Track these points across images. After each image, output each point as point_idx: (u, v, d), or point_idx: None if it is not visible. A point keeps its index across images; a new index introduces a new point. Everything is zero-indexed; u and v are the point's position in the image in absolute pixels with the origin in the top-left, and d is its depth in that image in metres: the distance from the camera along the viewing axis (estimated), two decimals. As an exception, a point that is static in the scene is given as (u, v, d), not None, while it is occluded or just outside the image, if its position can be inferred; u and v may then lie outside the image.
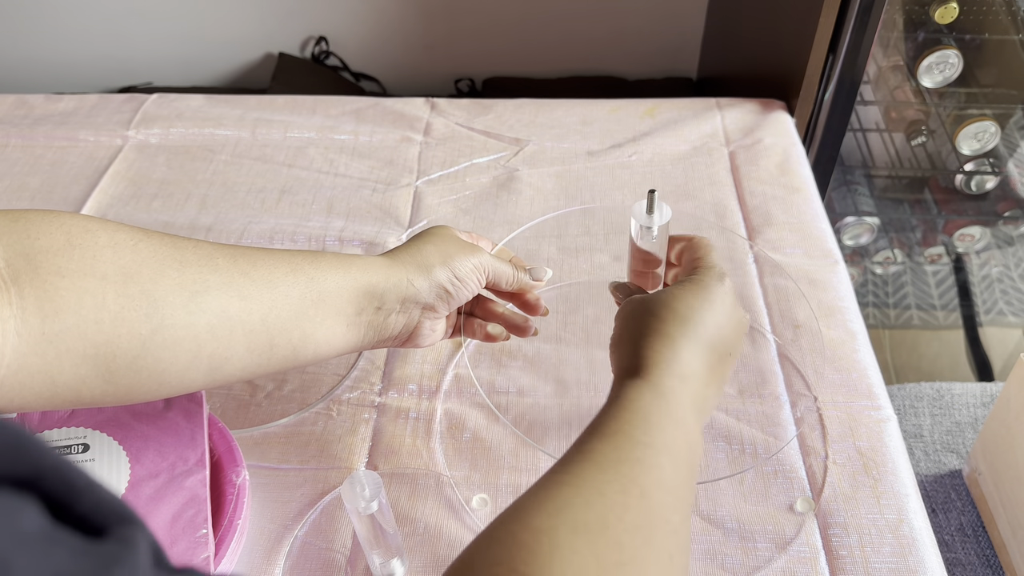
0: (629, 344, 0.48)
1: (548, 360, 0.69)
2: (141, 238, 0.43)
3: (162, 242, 0.44)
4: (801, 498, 0.60)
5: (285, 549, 0.57)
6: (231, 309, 0.44)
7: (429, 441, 0.63)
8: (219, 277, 0.44)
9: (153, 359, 0.42)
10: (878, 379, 0.67)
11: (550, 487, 0.37)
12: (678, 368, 0.45)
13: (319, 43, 1.55)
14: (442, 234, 0.56)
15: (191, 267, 0.44)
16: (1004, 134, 1.16)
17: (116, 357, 0.41)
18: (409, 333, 0.55)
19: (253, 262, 0.47)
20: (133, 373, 0.42)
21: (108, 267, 0.41)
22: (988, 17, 1.08)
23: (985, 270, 1.37)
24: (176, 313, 0.42)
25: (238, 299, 0.45)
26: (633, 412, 0.42)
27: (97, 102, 0.97)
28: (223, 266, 0.45)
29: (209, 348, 0.44)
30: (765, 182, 0.85)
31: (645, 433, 0.40)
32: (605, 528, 0.35)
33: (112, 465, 0.55)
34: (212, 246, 0.46)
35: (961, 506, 0.98)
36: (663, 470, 0.39)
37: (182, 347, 0.43)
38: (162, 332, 0.42)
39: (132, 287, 0.41)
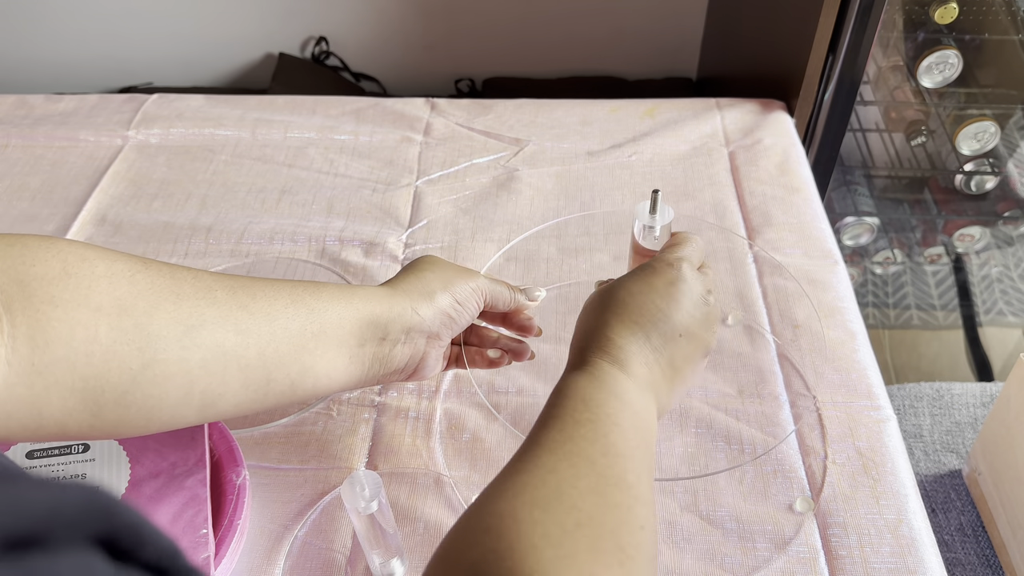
0: (577, 335, 0.50)
1: (548, 360, 0.69)
2: (139, 269, 0.42)
3: (160, 273, 0.43)
4: (800, 498, 0.60)
5: (285, 549, 0.57)
6: (227, 344, 0.43)
7: (429, 441, 0.63)
8: (216, 311, 0.43)
9: (142, 395, 0.41)
10: (878, 379, 0.68)
11: (507, 476, 0.39)
12: (614, 353, 0.46)
13: (319, 43, 1.55)
14: (436, 261, 0.56)
15: (188, 300, 0.43)
16: (1004, 134, 1.16)
17: (105, 391, 0.40)
18: (415, 365, 0.54)
19: (252, 294, 0.46)
20: (122, 408, 0.41)
21: (103, 298, 0.40)
22: (988, 17, 1.08)
23: (985, 270, 1.37)
24: (169, 348, 0.41)
25: (235, 333, 0.44)
26: (572, 396, 0.44)
27: (97, 102, 0.97)
28: (221, 299, 0.44)
29: (202, 384, 0.43)
30: (765, 182, 0.85)
31: (585, 411, 0.42)
32: (560, 497, 0.37)
33: (112, 465, 0.55)
34: (212, 277, 0.45)
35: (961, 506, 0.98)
36: (608, 438, 0.41)
37: (173, 383, 0.42)
38: (153, 367, 0.41)
39: (126, 320, 0.40)
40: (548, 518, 0.36)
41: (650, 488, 0.41)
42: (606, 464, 0.40)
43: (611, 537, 0.36)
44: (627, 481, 0.39)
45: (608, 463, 0.40)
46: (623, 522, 0.37)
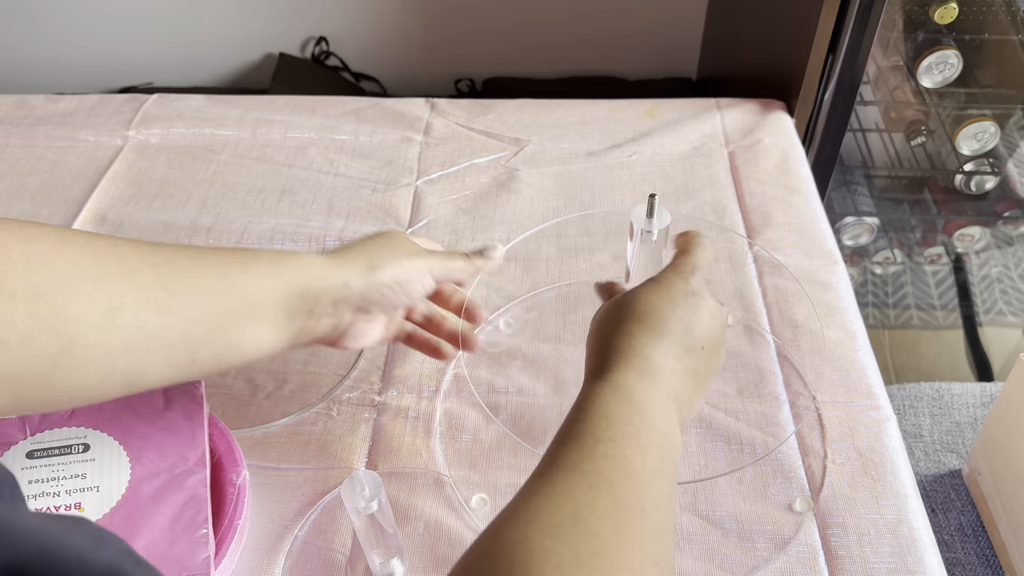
0: (595, 346, 0.48)
1: (547, 360, 0.69)
2: (59, 249, 0.41)
3: (80, 254, 0.41)
4: (800, 498, 0.60)
5: (285, 549, 0.57)
6: (149, 326, 0.42)
7: (429, 441, 0.63)
8: (139, 292, 0.42)
9: (62, 377, 0.40)
10: (877, 379, 0.68)
11: (522, 499, 0.38)
12: (639, 364, 0.45)
13: (319, 43, 1.55)
14: (396, 237, 0.55)
15: (109, 281, 0.41)
16: (1004, 134, 1.16)
17: (24, 377, 0.39)
18: (337, 335, 0.53)
19: (177, 271, 0.44)
20: (42, 389, 0.40)
21: (19, 284, 0.38)
22: (988, 17, 1.08)
23: (985, 270, 1.37)
24: (89, 332, 0.40)
25: (157, 314, 0.43)
26: (593, 412, 0.43)
27: (97, 102, 0.97)
28: (144, 280, 0.43)
29: (124, 364, 0.42)
30: (765, 182, 0.85)
31: (607, 429, 0.41)
32: (576, 523, 0.36)
33: (112, 465, 0.55)
34: (137, 254, 0.44)
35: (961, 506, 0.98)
36: (629, 460, 0.40)
37: (94, 365, 0.41)
38: (72, 351, 0.40)
39: (43, 306, 0.39)
40: (562, 547, 0.35)
41: (670, 517, 0.40)
42: (625, 489, 0.38)
43: (626, 569, 0.35)
44: (645, 509, 0.38)
45: (627, 487, 0.39)
46: (639, 555, 0.36)
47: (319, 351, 0.69)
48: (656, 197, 0.54)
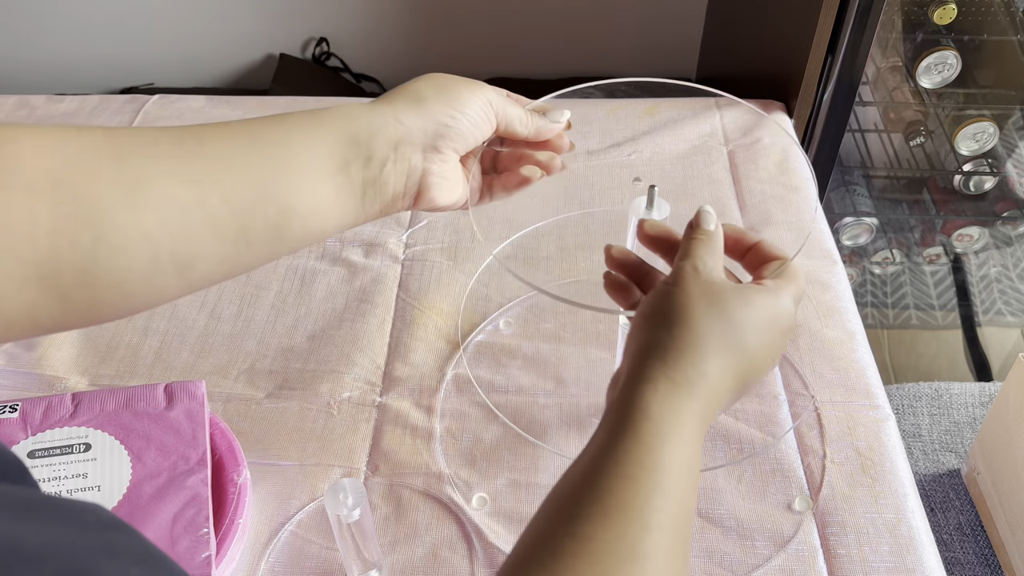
0: (656, 326, 0.42)
1: (547, 359, 0.69)
2: (70, 137, 0.38)
3: (94, 137, 0.39)
4: (799, 497, 0.60)
5: (285, 548, 0.57)
6: (182, 197, 0.39)
7: (429, 440, 0.63)
8: (161, 163, 0.39)
9: (104, 269, 0.37)
10: (876, 379, 0.68)
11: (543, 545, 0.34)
12: (703, 392, 0.40)
13: (320, 44, 1.55)
14: (439, 75, 0.49)
15: (129, 159, 0.38)
16: (1002, 135, 1.16)
17: (62, 274, 0.36)
18: (416, 187, 0.47)
19: (201, 139, 0.41)
20: (88, 288, 0.37)
21: (35, 176, 0.36)
22: (987, 18, 1.08)
23: (983, 270, 1.38)
24: (118, 213, 0.37)
25: (188, 184, 0.39)
26: (642, 464, 0.37)
27: (99, 103, 0.97)
28: (166, 151, 0.39)
29: (168, 246, 0.38)
30: (764, 181, 0.85)
31: (652, 493, 0.36)
32: None
33: (113, 464, 0.56)
34: (156, 131, 0.40)
35: (959, 505, 0.99)
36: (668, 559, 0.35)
37: (134, 250, 0.37)
38: (107, 237, 0.37)
39: (64, 193, 0.36)
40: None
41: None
42: None
43: None
44: None
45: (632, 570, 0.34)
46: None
47: (319, 348, 0.69)
48: (656, 188, 0.54)
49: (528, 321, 0.72)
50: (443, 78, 0.48)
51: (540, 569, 0.33)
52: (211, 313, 0.73)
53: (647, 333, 0.42)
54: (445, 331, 0.71)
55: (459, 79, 0.49)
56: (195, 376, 0.68)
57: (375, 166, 0.45)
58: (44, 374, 0.67)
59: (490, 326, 0.72)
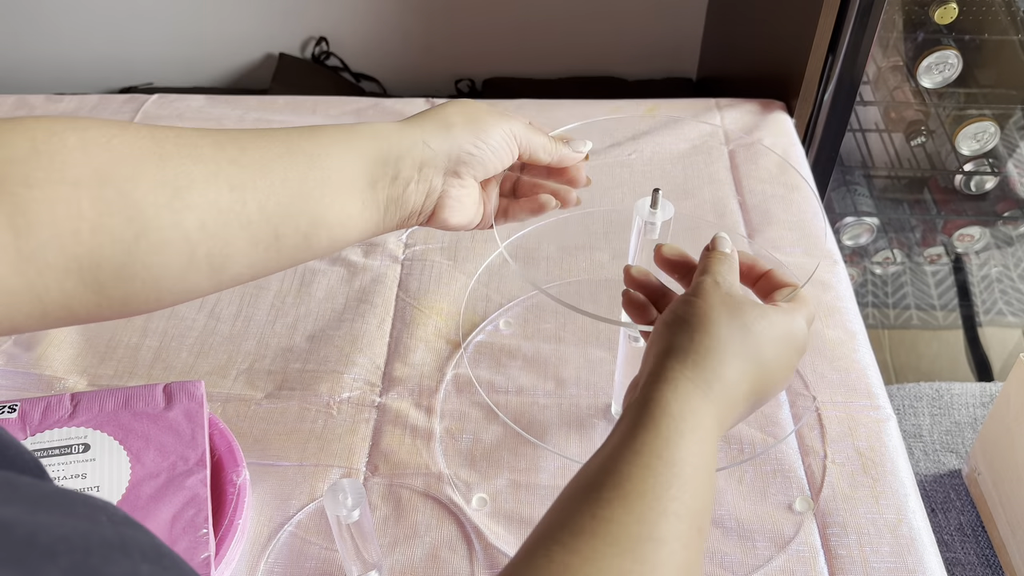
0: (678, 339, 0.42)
1: (547, 359, 0.69)
2: (115, 134, 0.39)
3: (138, 135, 0.40)
4: (800, 497, 0.60)
5: (284, 548, 0.57)
6: (222, 202, 0.40)
7: (429, 441, 0.63)
8: (204, 168, 0.40)
9: (142, 266, 0.39)
10: (877, 379, 0.68)
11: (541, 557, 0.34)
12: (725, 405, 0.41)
13: (319, 43, 1.55)
14: (467, 102, 0.51)
15: (172, 160, 0.40)
16: (1003, 134, 1.16)
17: (101, 267, 0.38)
18: (433, 206, 0.49)
19: (242, 147, 0.42)
20: (124, 282, 0.39)
21: (80, 171, 0.37)
22: (987, 17, 1.08)
23: (984, 270, 1.37)
24: (160, 213, 0.39)
25: (228, 189, 0.41)
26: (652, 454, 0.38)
27: (98, 103, 0.97)
28: (208, 155, 0.41)
29: (205, 247, 0.40)
30: (765, 181, 0.85)
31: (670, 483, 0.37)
32: None
33: (113, 465, 0.55)
34: (197, 133, 0.42)
35: (960, 506, 0.99)
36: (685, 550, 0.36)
37: (173, 249, 0.39)
38: (148, 235, 0.38)
39: (108, 190, 0.37)
40: None
41: None
42: None
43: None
44: None
45: None
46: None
47: (319, 348, 0.69)
48: (660, 191, 0.54)
49: (528, 321, 0.72)
50: (473, 106, 0.51)
51: (559, 547, 0.34)
52: (210, 313, 0.72)
53: (668, 338, 0.43)
54: (445, 331, 0.71)
55: (488, 109, 0.51)
56: (194, 376, 0.67)
57: (400, 185, 0.47)
58: (43, 374, 0.67)
59: (490, 326, 0.72)
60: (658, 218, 0.54)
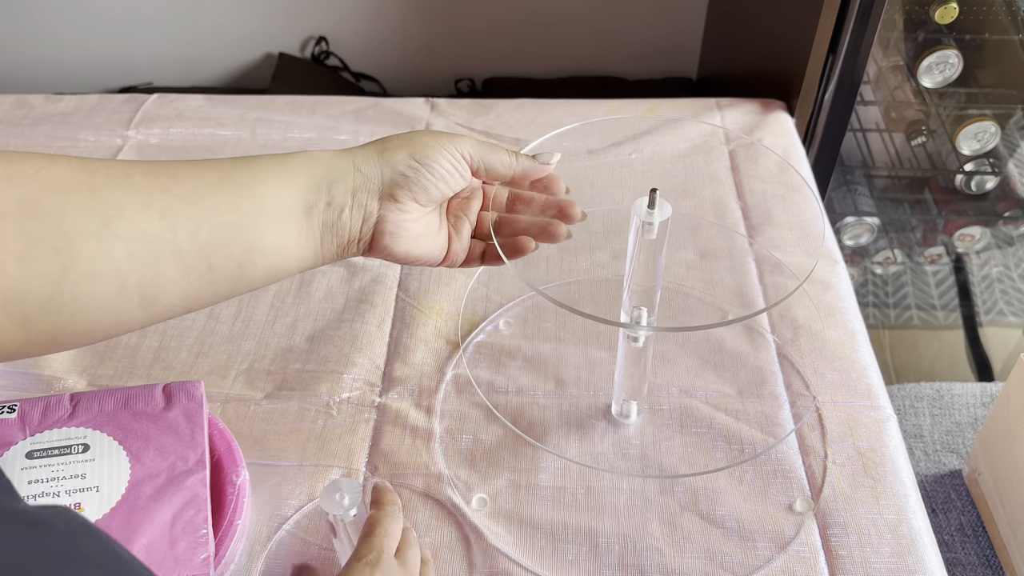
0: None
1: (547, 359, 0.69)
2: (42, 165, 0.38)
3: (68, 166, 0.39)
4: (800, 498, 0.60)
5: (284, 548, 0.57)
6: (152, 231, 0.40)
7: (429, 441, 0.63)
8: (135, 197, 0.40)
9: (70, 297, 0.38)
10: (878, 379, 0.67)
11: None
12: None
13: (319, 43, 1.55)
14: (420, 131, 0.50)
15: (102, 190, 0.39)
16: (1004, 134, 1.16)
17: (27, 300, 0.37)
18: (371, 233, 0.48)
19: (175, 176, 0.42)
20: (52, 315, 0.38)
21: (6, 203, 0.36)
22: (988, 17, 1.08)
23: (985, 270, 1.37)
24: (88, 244, 0.38)
25: (159, 218, 0.40)
26: None
27: (97, 102, 0.97)
28: (139, 185, 0.40)
29: (135, 277, 0.39)
30: (765, 181, 0.85)
31: None
32: None
33: (112, 465, 0.55)
34: (129, 163, 0.41)
35: (961, 506, 0.98)
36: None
37: (102, 280, 0.38)
38: (75, 266, 0.38)
39: (35, 222, 0.37)
40: None
41: None
42: None
43: None
44: None
45: None
46: None
47: (319, 348, 0.69)
48: (658, 191, 0.54)
49: (528, 321, 0.72)
50: (417, 132, 0.50)
51: None
52: (210, 313, 0.72)
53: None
54: (445, 331, 0.71)
55: (435, 132, 0.50)
56: (194, 376, 0.67)
57: (334, 211, 0.46)
58: (43, 374, 0.67)
59: (490, 326, 0.72)
60: (655, 218, 0.54)
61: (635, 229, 0.56)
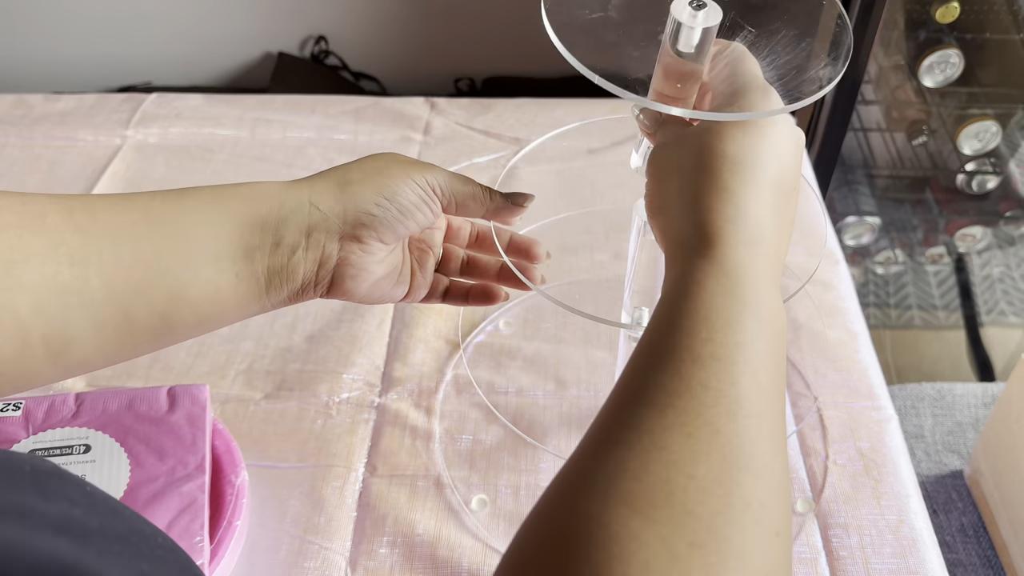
0: (677, 207, 0.37)
1: (547, 360, 0.69)
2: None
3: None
4: (801, 498, 0.59)
5: (283, 549, 0.57)
6: (61, 278, 0.35)
7: (428, 442, 0.63)
8: (44, 240, 0.35)
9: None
10: (879, 379, 0.67)
11: (600, 451, 0.30)
12: (746, 230, 0.35)
13: (318, 42, 1.54)
14: (380, 154, 0.45)
15: (9, 232, 0.34)
16: (1005, 134, 1.16)
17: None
18: (329, 276, 0.43)
19: (93, 214, 0.37)
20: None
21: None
22: (989, 16, 1.08)
23: (986, 270, 1.37)
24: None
25: (69, 264, 0.35)
26: (692, 313, 0.33)
27: (96, 102, 0.97)
28: (52, 225, 0.36)
29: (40, 330, 0.35)
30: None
31: (709, 340, 0.32)
32: (669, 496, 0.28)
33: (112, 467, 0.55)
34: (46, 200, 0.37)
35: (962, 507, 0.98)
36: (738, 385, 0.31)
37: (3, 333, 0.34)
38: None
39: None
40: (651, 532, 0.27)
41: (785, 453, 0.31)
42: (733, 432, 0.30)
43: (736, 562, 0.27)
44: (760, 458, 0.30)
45: (736, 430, 0.30)
46: (754, 531, 0.28)
47: (318, 348, 0.69)
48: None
49: (528, 321, 0.72)
50: (382, 159, 0.44)
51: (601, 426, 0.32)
52: (209, 313, 0.72)
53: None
54: (444, 332, 0.71)
55: (400, 159, 0.45)
56: (192, 377, 0.67)
57: (283, 253, 0.41)
58: (41, 375, 0.67)
59: (490, 326, 0.71)
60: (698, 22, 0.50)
61: (637, 229, 0.56)
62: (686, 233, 0.36)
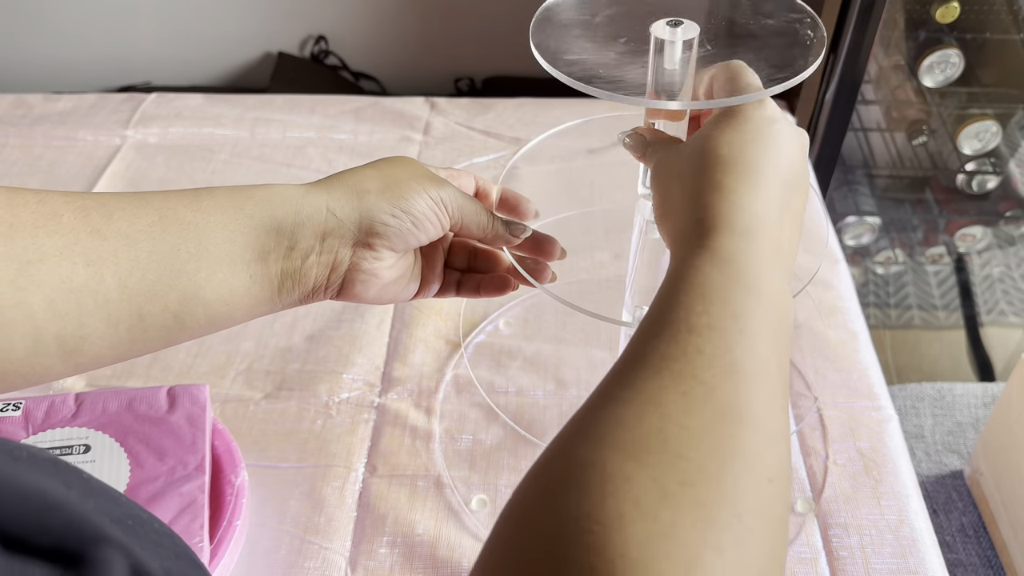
0: (679, 208, 0.39)
1: (548, 360, 0.68)
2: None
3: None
4: (801, 499, 0.59)
5: (284, 548, 0.56)
6: (76, 278, 0.36)
7: (428, 442, 0.63)
8: (60, 240, 0.36)
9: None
10: (879, 379, 0.67)
11: (598, 406, 0.32)
12: (742, 222, 0.37)
13: (318, 42, 1.54)
14: (396, 160, 0.45)
15: (24, 231, 0.35)
16: (1005, 134, 1.16)
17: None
18: (340, 281, 0.44)
19: (109, 214, 0.37)
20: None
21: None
22: (989, 16, 1.07)
23: (986, 270, 1.37)
24: (3, 291, 0.34)
25: (84, 265, 0.36)
26: (688, 290, 0.34)
27: (96, 101, 0.97)
28: (68, 225, 0.36)
29: (54, 328, 0.36)
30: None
31: (704, 313, 0.33)
32: (663, 443, 0.29)
33: (112, 467, 0.55)
34: (62, 199, 0.37)
35: (962, 507, 0.98)
36: (733, 352, 0.32)
37: (17, 331, 0.35)
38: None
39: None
40: (644, 474, 0.28)
41: (784, 415, 0.33)
42: (728, 390, 0.31)
43: (727, 500, 0.28)
44: (753, 413, 0.31)
45: (731, 388, 0.31)
46: (745, 475, 0.29)
47: (318, 348, 0.69)
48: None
49: (528, 321, 0.72)
50: (399, 167, 0.45)
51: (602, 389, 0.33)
52: (209, 313, 0.72)
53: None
54: (444, 332, 0.71)
55: (416, 171, 0.45)
56: (192, 377, 0.67)
57: (297, 257, 0.42)
58: (40, 374, 0.67)
59: (490, 326, 0.71)
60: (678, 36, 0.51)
61: (639, 228, 0.56)
62: (687, 229, 0.38)
